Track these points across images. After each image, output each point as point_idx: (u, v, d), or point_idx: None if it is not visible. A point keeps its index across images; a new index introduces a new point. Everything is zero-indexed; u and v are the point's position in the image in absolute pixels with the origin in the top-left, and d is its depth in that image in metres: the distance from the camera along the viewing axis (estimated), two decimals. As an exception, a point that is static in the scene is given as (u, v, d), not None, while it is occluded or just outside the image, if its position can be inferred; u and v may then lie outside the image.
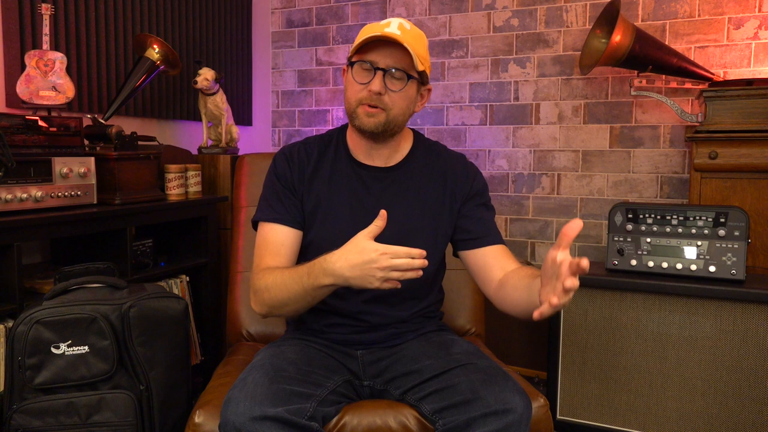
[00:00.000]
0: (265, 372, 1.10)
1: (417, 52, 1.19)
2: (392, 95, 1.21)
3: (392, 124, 1.24)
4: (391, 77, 1.21)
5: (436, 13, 2.79)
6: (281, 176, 1.32)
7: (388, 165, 1.33)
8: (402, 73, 1.21)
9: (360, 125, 1.24)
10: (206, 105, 2.41)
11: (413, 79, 1.23)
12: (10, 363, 1.35)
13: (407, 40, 1.18)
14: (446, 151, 1.40)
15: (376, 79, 1.20)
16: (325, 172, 1.32)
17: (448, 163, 1.37)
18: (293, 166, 1.32)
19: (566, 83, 2.56)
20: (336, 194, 1.31)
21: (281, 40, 3.15)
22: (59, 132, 1.73)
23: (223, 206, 2.32)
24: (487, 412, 1.03)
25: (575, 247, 2.58)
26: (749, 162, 1.96)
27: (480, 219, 1.33)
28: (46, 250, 2.04)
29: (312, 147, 1.35)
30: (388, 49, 1.19)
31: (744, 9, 2.27)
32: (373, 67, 1.20)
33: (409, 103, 1.26)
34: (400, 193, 1.31)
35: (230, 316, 1.65)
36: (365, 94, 1.21)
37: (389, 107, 1.22)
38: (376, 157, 1.32)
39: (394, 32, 1.19)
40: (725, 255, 1.82)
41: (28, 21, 1.91)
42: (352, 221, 1.27)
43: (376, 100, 1.21)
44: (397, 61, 1.20)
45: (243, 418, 1.00)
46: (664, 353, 1.84)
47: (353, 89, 1.23)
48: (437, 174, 1.34)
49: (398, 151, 1.34)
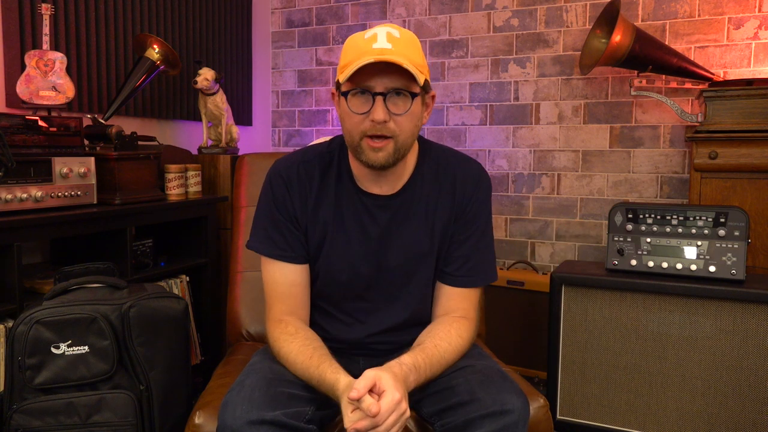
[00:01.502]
0: (263, 375, 1.09)
1: (414, 63, 1.06)
2: (398, 119, 1.08)
3: (402, 150, 1.12)
4: (393, 99, 1.07)
5: (436, 13, 2.79)
6: (281, 205, 1.21)
7: (395, 191, 1.22)
8: (405, 93, 1.08)
9: (368, 161, 1.11)
10: (206, 105, 2.41)
11: (417, 95, 1.10)
12: (10, 363, 1.35)
13: (401, 52, 1.06)
14: (455, 157, 1.28)
15: (378, 107, 1.06)
16: (329, 199, 1.22)
17: (457, 172, 1.25)
18: (293, 193, 1.21)
19: (566, 83, 2.56)
20: (342, 224, 1.22)
21: (281, 40, 3.15)
22: (59, 132, 1.73)
23: (223, 206, 2.32)
24: (485, 413, 1.02)
25: (575, 247, 2.59)
26: (749, 162, 1.96)
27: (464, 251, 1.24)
28: (46, 250, 2.04)
29: (312, 168, 1.22)
30: (381, 68, 1.05)
31: (744, 9, 2.27)
32: (370, 92, 1.07)
33: (417, 121, 1.13)
34: (406, 220, 1.23)
35: (230, 316, 1.65)
36: (368, 125, 1.08)
37: (397, 133, 1.09)
38: (383, 183, 1.21)
39: (384, 47, 1.05)
40: (725, 255, 1.82)
41: (28, 21, 1.91)
42: (360, 252, 1.22)
43: (381, 129, 1.08)
44: (396, 81, 1.06)
45: (240, 422, 0.99)
46: (664, 353, 1.84)
47: (352, 121, 1.10)
48: (445, 188, 1.24)
49: (403, 175, 1.22)
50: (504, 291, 2.40)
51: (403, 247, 1.22)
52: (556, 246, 2.63)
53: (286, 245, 1.21)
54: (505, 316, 2.40)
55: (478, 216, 1.25)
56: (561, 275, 1.95)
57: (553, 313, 1.96)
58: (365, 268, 1.22)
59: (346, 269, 1.22)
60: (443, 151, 1.29)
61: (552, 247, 2.64)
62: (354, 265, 1.21)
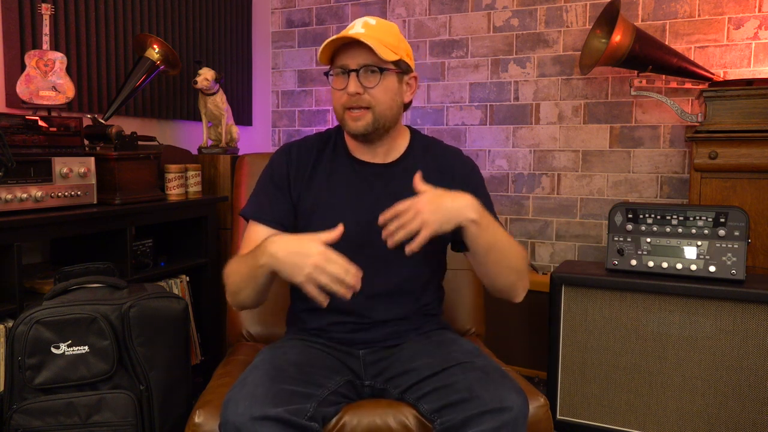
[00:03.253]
0: (265, 372, 1.10)
1: (383, 43, 1.21)
2: (371, 92, 1.23)
3: (381, 120, 1.25)
4: (365, 75, 1.23)
5: (436, 13, 2.79)
6: (276, 173, 1.33)
7: (387, 161, 1.34)
8: (374, 69, 1.23)
9: (349, 130, 1.27)
10: (206, 105, 2.41)
11: (388, 70, 1.24)
12: (10, 363, 1.35)
13: (371, 35, 1.21)
14: (443, 147, 1.40)
15: (351, 80, 1.22)
16: (324, 169, 1.33)
17: (448, 159, 1.37)
18: (291, 164, 1.33)
19: (566, 83, 2.56)
20: (336, 191, 1.31)
21: (281, 40, 3.15)
22: (59, 132, 1.73)
23: (223, 206, 2.32)
24: (484, 410, 1.03)
25: (575, 247, 2.59)
26: (749, 162, 1.96)
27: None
28: (46, 250, 2.05)
29: (311, 145, 1.37)
30: (354, 49, 1.22)
31: (744, 9, 2.27)
32: (345, 70, 1.23)
33: (393, 95, 1.27)
34: (399, 191, 1.28)
35: (230, 316, 1.65)
36: (346, 98, 1.24)
37: (373, 104, 1.24)
38: (375, 154, 1.33)
39: (357, 32, 1.22)
40: (725, 255, 1.82)
41: (28, 21, 1.91)
42: (352, 218, 1.26)
43: (357, 101, 1.23)
44: (366, 58, 1.22)
45: (243, 419, 1.00)
46: (664, 353, 1.84)
47: (335, 97, 1.27)
48: (438, 171, 1.33)
49: (395, 148, 1.35)
50: (504, 291, 2.40)
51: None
52: (556, 246, 2.63)
53: (268, 207, 1.31)
54: (505, 316, 2.40)
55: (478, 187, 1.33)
56: (561, 275, 1.95)
57: (553, 313, 1.96)
58: (355, 229, 1.25)
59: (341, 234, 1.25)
60: (433, 141, 1.42)
61: (552, 247, 2.64)
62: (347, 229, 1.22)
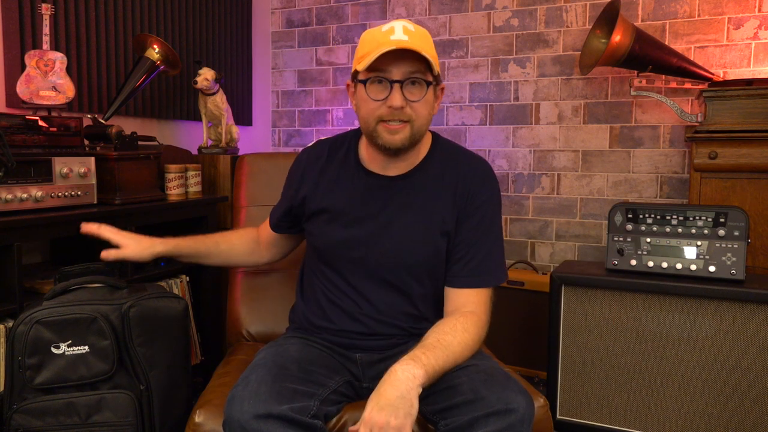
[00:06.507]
0: (268, 370, 1.10)
1: (429, 54, 1.13)
2: (414, 105, 1.15)
3: (417, 135, 1.19)
4: (409, 87, 1.14)
5: (436, 13, 2.79)
6: (290, 176, 1.38)
7: (397, 174, 1.27)
8: (421, 81, 1.15)
9: (384, 144, 1.18)
10: (206, 105, 2.41)
11: (431, 83, 1.17)
12: (10, 363, 1.35)
13: (418, 44, 1.12)
14: (466, 156, 1.31)
15: (395, 93, 1.13)
16: (332, 175, 1.30)
17: (464, 170, 1.27)
18: (301, 168, 1.35)
19: (566, 83, 2.56)
20: (341, 199, 1.28)
21: (281, 40, 3.15)
22: (59, 132, 1.73)
23: (223, 206, 2.32)
24: (490, 411, 1.02)
25: (575, 247, 2.59)
26: (749, 162, 1.96)
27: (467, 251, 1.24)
28: (46, 250, 2.04)
29: (322, 149, 1.34)
30: (398, 57, 1.12)
31: (744, 9, 2.27)
32: (387, 80, 1.13)
33: (431, 108, 1.20)
34: (405, 205, 1.26)
35: (230, 316, 1.65)
36: (385, 111, 1.15)
37: (413, 119, 1.16)
38: (392, 169, 1.27)
39: (401, 38, 1.12)
40: (725, 255, 1.82)
41: (28, 21, 1.91)
42: (353, 230, 1.26)
43: (398, 115, 1.14)
44: (413, 69, 1.13)
45: (247, 416, 1.00)
46: (664, 353, 1.84)
47: (369, 107, 1.16)
48: (450, 184, 1.26)
49: (411, 160, 1.27)
50: (504, 291, 2.40)
51: (398, 233, 1.24)
52: (556, 246, 2.63)
53: (277, 208, 1.42)
54: (505, 316, 2.40)
55: (482, 216, 1.25)
56: (561, 275, 1.95)
57: (553, 313, 1.96)
58: (356, 239, 1.26)
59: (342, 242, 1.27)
60: (453, 148, 1.33)
61: (552, 247, 2.64)
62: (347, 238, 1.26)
